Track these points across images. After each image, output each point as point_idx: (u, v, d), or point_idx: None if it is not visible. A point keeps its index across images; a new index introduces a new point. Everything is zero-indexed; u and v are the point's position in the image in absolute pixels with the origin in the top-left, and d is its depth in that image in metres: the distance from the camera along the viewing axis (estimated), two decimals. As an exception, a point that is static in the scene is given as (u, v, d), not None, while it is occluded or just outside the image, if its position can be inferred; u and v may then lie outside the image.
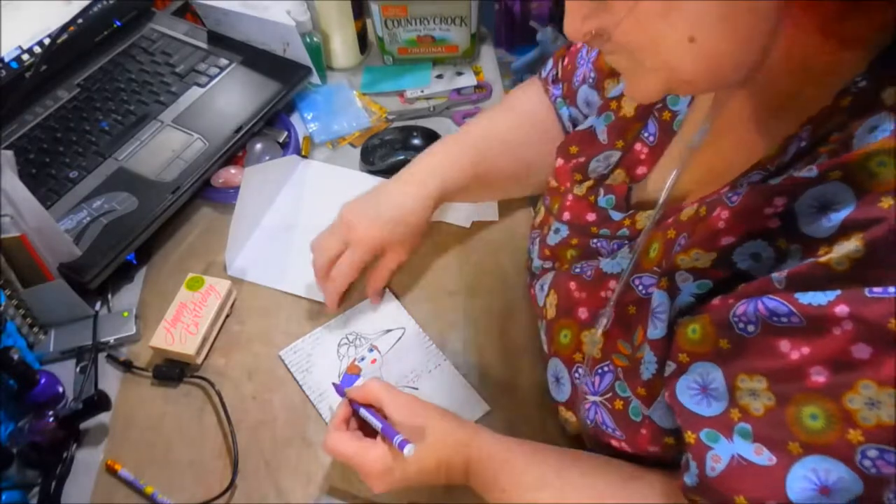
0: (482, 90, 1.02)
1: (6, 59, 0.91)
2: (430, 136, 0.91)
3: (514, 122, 0.79)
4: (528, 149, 0.78)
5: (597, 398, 0.57)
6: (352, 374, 0.73)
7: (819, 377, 0.40)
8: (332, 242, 0.75)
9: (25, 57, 0.93)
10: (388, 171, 0.79)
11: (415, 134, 0.93)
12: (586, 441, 0.62)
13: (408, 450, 0.56)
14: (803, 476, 0.40)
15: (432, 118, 0.99)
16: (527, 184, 0.82)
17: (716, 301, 0.46)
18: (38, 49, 0.94)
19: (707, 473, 0.45)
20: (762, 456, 0.42)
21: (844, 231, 0.39)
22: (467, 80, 1.03)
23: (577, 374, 0.60)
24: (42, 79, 0.95)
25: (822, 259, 0.39)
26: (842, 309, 0.38)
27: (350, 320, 0.77)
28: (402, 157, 0.84)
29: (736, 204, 0.45)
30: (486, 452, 0.59)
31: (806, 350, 0.40)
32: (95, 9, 0.99)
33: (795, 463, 0.41)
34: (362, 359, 0.74)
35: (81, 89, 0.97)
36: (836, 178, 0.40)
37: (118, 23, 1.02)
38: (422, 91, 1.02)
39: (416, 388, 0.71)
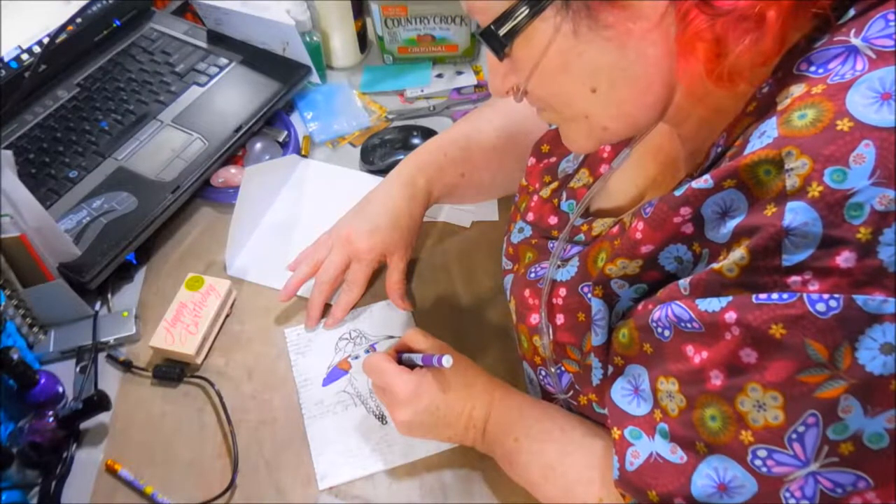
0: (482, 90, 1.02)
1: (6, 59, 0.91)
2: (430, 136, 0.91)
3: (500, 122, 0.79)
4: (513, 149, 0.78)
5: (564, 396, 0.61)
6: (341, 369, 0.73)
7: (717, 380, 0.42)
8: (335, 259, 0.75)
9: (25, 56, 0.93)
10: (388, 171, 0.79)
11: (415, 133, 0.92)
12: None
13: (445, 359, 0.58)
14: (706, 474, 0.43)
15: (432, 117, 0.99)
16: (516, 182, 0.82)
17: (639, 306, 0.48)
18: (37, 49, 0.94)
19: (626, 468, 0.48)
20: (676, 455, 0.45)
21: (737, 238, 0.41)
22: (467, 79, 1.03)
23: (541, 375, 0.63)
24: (41, 78, 0.95)
25: (717, 266, 0.41)
26: (730, 315, 0.40)
27: (358, 318, 0.78)
28: (401, 157, 0.84)
29: (649, 215, 0.47)
30: (507, 402, 0.62)
31: (705, 354, 0.42)
32: (95, 8, 0.99)
33: (701, 462, 0.43)
34: (356, 357, 0.74)
35: (81, 89, 0.97)
36: (732, 185, 0.41)
37: (118, 22, 1.02)
38: (422, 90, 1.02)
39: None
